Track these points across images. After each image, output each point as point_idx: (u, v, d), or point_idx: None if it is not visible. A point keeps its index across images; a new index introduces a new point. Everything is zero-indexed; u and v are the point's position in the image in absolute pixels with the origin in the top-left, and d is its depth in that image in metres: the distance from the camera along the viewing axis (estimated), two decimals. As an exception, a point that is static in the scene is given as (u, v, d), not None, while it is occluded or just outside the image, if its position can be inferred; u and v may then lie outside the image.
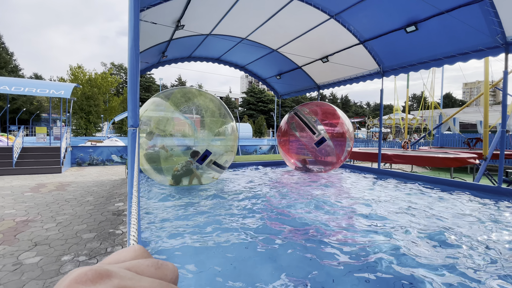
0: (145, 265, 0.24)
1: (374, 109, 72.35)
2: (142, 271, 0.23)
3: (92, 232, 3.67)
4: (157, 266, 0.24)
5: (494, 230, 3.23)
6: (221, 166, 5.47)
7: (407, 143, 11.39)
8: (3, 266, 2.74)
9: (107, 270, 0.20)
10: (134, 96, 1.45)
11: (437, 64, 5.84)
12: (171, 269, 0.25)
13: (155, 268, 0.24)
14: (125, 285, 0.20)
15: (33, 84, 9.97)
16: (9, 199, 5.37)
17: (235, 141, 5.77)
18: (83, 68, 26.70)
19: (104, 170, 9.48)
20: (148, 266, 0.24)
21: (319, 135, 6.71)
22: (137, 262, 0.24)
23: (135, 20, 1.43)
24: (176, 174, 5.37)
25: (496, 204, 4.38)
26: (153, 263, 0.24)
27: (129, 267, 0.23)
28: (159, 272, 0.24)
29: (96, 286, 0.19)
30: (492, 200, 4.61)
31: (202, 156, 5.14)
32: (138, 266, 0.23)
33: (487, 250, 2.68)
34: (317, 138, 6.68)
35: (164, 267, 0.24)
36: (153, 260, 0.25)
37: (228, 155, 5.58)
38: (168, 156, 5.43)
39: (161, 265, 0.24)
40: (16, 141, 8.94)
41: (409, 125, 20.98)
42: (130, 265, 0.23)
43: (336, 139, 6.72)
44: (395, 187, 5.72)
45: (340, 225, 3.40)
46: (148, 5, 4.55)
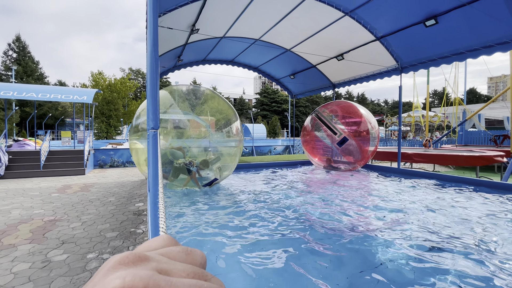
0: (176, 251, 0.25)
1: (392, 106, 70.17)
2: (174, 257, 0.24)
3: (115, 231, 3.81)
4: (187, 252, 0.26)
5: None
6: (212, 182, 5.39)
7: (428, 141, 10.96)
8: (33, 263, 2.90)
9: (145, 255, 0.22)
10: (154, 100, 1.50)
11: (460, 58, 5.59)
12: (200, 255, 0.27)
13: (185, 254, 0.25)
14: (162, 268, 0.21)
15: (57, 91, 10.51)
16: (37, 199, 5.69)
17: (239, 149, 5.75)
18: (103, 74, 27.80)
19: (125, 172, 9.81)
20: (179, 252, 0.25)
21: (340, 135, 6.65)
22: (168, 249, 0.25)
23: (154, 26, 1.48)
24: (175, 166, 5.22)
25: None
26: (183, 250, 0.26)
27: (162, 253, 0.24)
28: (189, 258, 0.25)
29: (136, 267, 0.20)
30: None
31: (210, 182, 5.27)
32: (170, 252, 0.25)
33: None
34: (338, 138, 6.63)
35: (193, 253, 0.26)
36: (183, 247, 0.26)
37: (228, 171, 5.62)
38: (184, 157, 5.55)
39: (190, 251, 0.26)
40: (43, 145, 9.45)
41: (431, 123, 20.16)
42: (163, 251, 0.25)
43: (360, 137, 6.61)
44: (416, 187, 5.52)
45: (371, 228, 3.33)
46: (164, 11, 4.68)
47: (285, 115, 52.00)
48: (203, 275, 0.23)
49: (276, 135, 44.67)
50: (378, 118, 38.48)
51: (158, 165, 1.41)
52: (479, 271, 2.24)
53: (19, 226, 4.02)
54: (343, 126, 6.74)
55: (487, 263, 2.37)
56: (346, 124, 6.79)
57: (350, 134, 6.59)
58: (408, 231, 3.09)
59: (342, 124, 6.76)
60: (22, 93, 9.63)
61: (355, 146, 6.57)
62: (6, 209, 4.96)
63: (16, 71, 33.18)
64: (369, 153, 6.66)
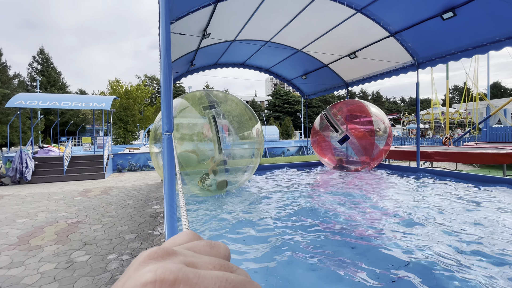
0: (201, 245, 0.26)
1: (409, 104, 67.91)
2: (199, 250, 0.25)
3: (133, 233, 3.92)
4: (211, 246, 0.27)
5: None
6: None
7: (448, 139, 10.51)
8: (58, 264, 3.04)
9: (173, 249, 0.23)
10: (168, 104, 1.54)
11: (481, 51, 5.33)
12: (224, 248, 0.27)
13: (209, 247, 0.26)
14: (189, 261, 0.22)
15: (78, 99, 10.99)
16: (61, 203, 5.95)
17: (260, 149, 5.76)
18: (120, 81, 28.81)
19: (142, 175, 10.08)
20: (203, 246, 0.26)
21: (342, 132, 6.55)
22: (193, 243, 0.26)
23: (166, 33, 1.52)
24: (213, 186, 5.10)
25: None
26: (207, 243, 0.27)
27: (188, 248, 0.25)
28: (214, 251, 0.26)
29: (165, 261, 0.21)
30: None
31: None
32: (195, 246, 0.26)
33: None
34: (340, 136, 6.54)
35: (217, 246, 0.27)
36: (206, 240, 0.27)
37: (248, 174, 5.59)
38: (200, 161, 5.61)
39: (214, 245, 0.27)
40: (66, 151, 9.90)
41: (451, 120, 19.34)
42: (188, 246, 0.26)
43: (368, 136, 6.45)
44: (438, 187, 5.31)
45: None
46: (176, 17, 4.79)
47: (297, 116, 51.62)
48: (228, 267, 0.24)
49: (289, 136, 44.40)
50: (394, 117, 37.37)
51: (173, 167, 1.44)
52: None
53: (45, 228, 4.22)
54: (346, 125, 6.64)
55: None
56: (353, 122, 6.67)
57: (360, 133, 6.47)
58: (433, 235, 2.97)
59: (345, 123, 6.65)
60: (46, 102, 10.15)
61: (357, 145, 6.46)
62: (33, 212, 5.23)
63: (41, 81, 35.05)
64: (378, 153, 6.49)
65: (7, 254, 3.32)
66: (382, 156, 6.72)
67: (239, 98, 5.89)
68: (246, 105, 5.87)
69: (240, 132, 5.57)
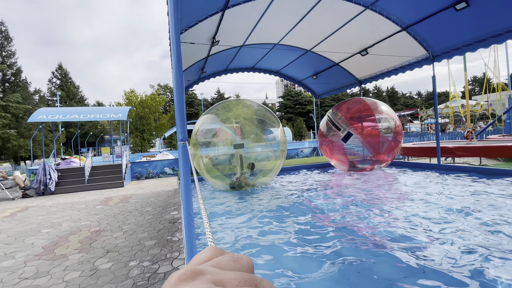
0: (224, 260, 0.27)
1: (427, 98, 65.71)
2: (224, 266, 0.26)
3: (153, 239, 4.00)
4: (235, 260, 0.27)
5: None
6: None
7: (470, 133, 10.06)
8: (82, 271, 3.14)
9: (199, 269, 0.24)
10: (182, 113, 1.57)
11: (498, 41, 5.09)
12: (246, 260, 0.28)
13: (233, 262, 0.27)
14: (216, 279, 0.23)
15: (96, 111, 11.44)
16: (84, 212, 6.18)
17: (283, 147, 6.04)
18: (135, 92, 29.75)
19: (159, 182, 10.31)
20: (227, 261, 0.27)
21: (344, 130, 6.45)
22: (217, 260, 0.27)
23: (176, 43, 1.57)
24: (235, 185, 5.87)
25: None
26: (230, 258, 0.27)
27: (213, 265, 0.26)
28: (238, 264, 0.27)
29: (195, 282, 0.22)
30: None
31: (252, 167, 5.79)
32: (220, 262, 0.26)
33: None
34: (342, 133, 6.45)
35: (240, 260, 0.27)
36: (229, 255, 0.28)
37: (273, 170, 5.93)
38: (213, 165, 5.91)
39: (237, 258, 0.27)
40: (87, 161, 10.30)
41: (472, 112, 18.51)
42: (213, 263, 0.26)
43: (373, 134, 6.34)
44: (462, 183, 5.08)
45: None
46: (186, 27, 4.90)
47: (310, 116, 51.16)
48: (253, 280, 0.24)
49: (302, 137, 44.02)
50: (412, 112, 36.24)
51: (189, 175, 1.47)
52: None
53: (69, 237, 4.39)
54: (353, 123, 6.55)
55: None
56: (357, 121, 6.57)
57: (365, 131, 6.34)
58: (461, 234, 2.85)
59: (347, 121, 6.56)
60: (66, 115, 10.63)
61: (362, 141, 6.34)
62: (58, 222, 5.46)
63: (60, 96, 36.77)
64: (385, 150, 6.31)
65: (33, 264, 3.47)
66: (391, 153, 6.51)
67: (261, 105, 6.28)
68: (268, 110, 6.20)
69: (260, 135, 5.97)
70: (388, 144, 6.34)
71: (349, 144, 6.63)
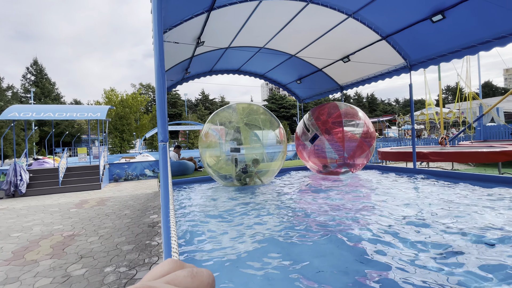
0: (182, 276, 0.25)
1: (404, 105, 68.64)
2: (180, 282, 0.24)
3: (131, 244, 3.86)
4: (193, 275, 0.26)
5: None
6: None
7: (444, 139, 10.61)
8: (54, 278, 2.97)
9: (150, 286, 0.22)
10: (163, 113, 1.53)
11: (471, 52, 5.43)
12: (206, 275, 0.26)
13: (191, 277, 0.25)
14: None
15: (73, 109, 10.93)
16: (57, 215, 5.86)
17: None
18: (116, 90, 28.78)
19: (139, 185, 9.99)
20: (185, 277, 0.25)
21: (312, 132, 6.72)
22: (174, 275, 0.25)
23: (159, 43, 1.53)
24: (236, 174, 6.20)
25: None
26: (188, 273, 0.26)
27: (168, 281, 0.24)
28: (196, 280, 0.25)
29: None
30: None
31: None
32: (176, 278, 0.25)
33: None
34: (310, 135, 6.71)
35: (199, 275, 0.26)
36: (188, 269, 0.26)
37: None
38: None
39: (196, 273, 0.26)
40: (61, 162, 9.79)
41: (445, 120, 19.56)
42: (168, 278, 0.25)
43: (342, 136, 6.62)
44: (435, 187, 5.33)
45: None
46: (170, 26, 4.82)
47: (294, 120, 51.85)
48: None
49: (287, 140, 44.45)
50: (389, 118, 37.72)
51: (168, 177, 1.43)
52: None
53: (40, 242, 4.14)
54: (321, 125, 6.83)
55: None
56: (324, 122, 6.85)
57: (339, 135, 6.61)
58: (432, 234, 2.97)
59: (316, 124, 6.83)
60: (40, 113, 10.08)
61: (325, 144, 6.63)
62: (28, 225, 5.13)
63: (35, 93, 34.86)
64: (359, 152, 6.57)
65: (2, 269, 3.24)
66: (364, 157, 6.71)
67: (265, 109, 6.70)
68: (271, 114, 6.62)
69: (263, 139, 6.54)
70: (361, 148, 6.55)
71: (319, 147, 6.81)
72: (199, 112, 49.96)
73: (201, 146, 6.35)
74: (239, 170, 6.19)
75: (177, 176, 7.98)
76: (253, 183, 6.34)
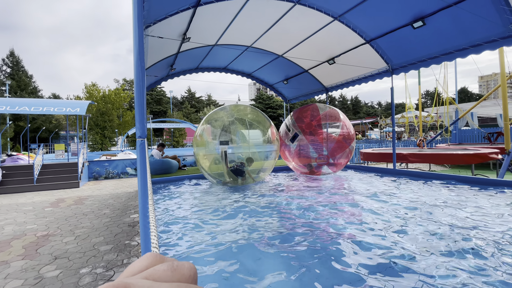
0: (161, 270, 0.24)
1: (386, 108, 70.82)
2: (159, 277, 0.23)
3: (109, 244, 3.73)
4: (173, 269, 0.25)
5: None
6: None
7: (422, 141, 11.05)
8: (25, 280, 2.82)
9: (125, 283, 0.21)
10: (142, 108, 1.48)
11: (449, 58, 5.68)
12: (188, 267, 0.25)
13: (171, 271, 0.24)
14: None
15: (51, 104, 10.43)
16: (30, 214, 5.57)
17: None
18: (97, 85, 27.76)
19: (120, 183, 9.69)
20: (164, 271, 0.24)
21: (293, 131, 6.91)
22: (153, 270, 0.24)
23: (139, 37, 1.47)
24: (231, 170, 6.17)
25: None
26: (168, 267, 0.25)
27: (147, 276, 0.23)
28: (177, 274, 0.24)
29: None
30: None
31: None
32: (155, 273, 0.24)
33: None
34: (291, 134, 6.90)
35: (180, 268, 0.25)
36: (168, 263, 0.25)
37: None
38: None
39: (177, 267, 0.25)
40: (37, 158, 9.32)
41: (424, 123, 20.37)
42: (147, 274, 0.24)
43: (319, 136, 6.83)
44: (416, 187, 5.53)
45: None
46: (154, 20, 4.70)
47: (280, 120, 52.20)
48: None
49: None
50: (372, 120, 38.81)
51: (146, 174, 1.38)
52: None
53: (12, 242, 3.92)
54: (297, 126, 7.02)
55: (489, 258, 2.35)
56: (300, 122, 7.06)
57: (321, 136, 6.79)
58: (413, 231, 3.08)
59: (297, 124, 7.01)
60: (15, 107, 9.54)
61: (307, 145, 6.84)
62: (0, 225, 4.85)
63: (10, 85, 32.97)
64: (337, 152, 6.77)
65: (-34, 272, 3.04)
66: (344, 157, 6.89)
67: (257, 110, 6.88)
68: (264, 114, 6.78)
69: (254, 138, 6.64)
70: (341, 148, 6.71)
71: (302, 147, 6.95)
72: (185, 110, 49.17)
73: (196, 146, 6.37)
74: (232, 167, 6.17)
75: (160, 174, 7.81)
76: (246, 183, 6.35)
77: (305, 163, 7.22)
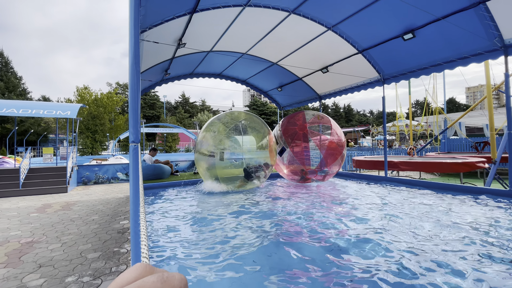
0: (150, 282, 0.23)
1: (377, 117, 72.15)
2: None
3: (97, 251, 3.62)
4: (163, 280, 0.24)
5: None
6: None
7: (412, 150, 11.25)
8: (7, 289, 2.70)
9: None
10: (135, 113, 1.46)
11: (437, 70, 5.85)
12: (178, 279, 0.25)
13: (161, 283, 0.23)
14: None
15: (40, 106, 10.22)
16: (15, 220, 5.38)
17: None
18: (90, 88, 27.39)
19: (110, 188, 9.49)
20: (154, 283, 0.23)
21: (280, 145, 7.09)
22: (141, 282, 0.23)
23: (135, 41, 1.47)
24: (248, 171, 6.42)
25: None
26: (158, 278, 0.24)
27: (136, 287, 0.23)
28: (166, 286, 0.23)
29: None
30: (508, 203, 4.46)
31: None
32: (144, 285, 0.23)
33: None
34: (279, 148, 7.08)
35: (170, 279, 0.24)
36: (158, 275, 0.24)
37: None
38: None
39: (166, 278, 0.24)
40: (23, 162, 9.06)
41: (414, 131, 20.81)
42: (135, 286, 0.23)
43: (304, 146, 6.95)
44: (406, 194, 5.60)
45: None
46: (150, 25, 4.70)
47: (274, 127, 52.51)
48: None
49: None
50: (364, 128, 39.42)
51: (138, 180, 1.35)
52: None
53: (-8, 250, 3.76)
54: (287, 136, 7.15)
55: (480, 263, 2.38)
56: (288, 133, 7.18)
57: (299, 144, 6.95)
58: (404, 238, 3.10)
59: (283, 136, 7.15)
60: (2, 109, 9.30)
61: (292, 156, 6.95)
62: (-20, 231, 4.65)
63: (-3, 87, 32.19)
64: (327, 161, 6.85)
65: None
66: (335, 165, 6.95)
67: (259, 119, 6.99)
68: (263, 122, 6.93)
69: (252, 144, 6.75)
70: (331, 156, 6.78)
71: (292, 156, 7.02)
72: (179, 115, 48.90)
73: (197, 153, 6.47)
74: (250, 168, 6.43)
75: (152, 180, 7.69)
76: (248, 187, 6.51)
77: (296, 171, 7.23)
